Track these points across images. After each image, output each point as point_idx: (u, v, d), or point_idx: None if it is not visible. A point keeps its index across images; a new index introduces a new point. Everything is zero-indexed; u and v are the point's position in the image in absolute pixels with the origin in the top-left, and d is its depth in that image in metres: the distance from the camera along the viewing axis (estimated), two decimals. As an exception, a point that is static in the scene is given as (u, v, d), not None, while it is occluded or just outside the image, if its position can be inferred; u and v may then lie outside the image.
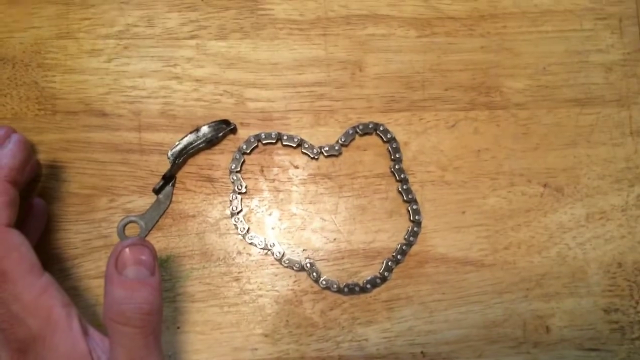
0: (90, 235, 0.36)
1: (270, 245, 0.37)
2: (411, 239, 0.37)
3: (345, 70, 0.39)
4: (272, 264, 0.37)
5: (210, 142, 0.37)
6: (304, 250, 0.37)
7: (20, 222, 0.31)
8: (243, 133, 0.38)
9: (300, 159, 0.38)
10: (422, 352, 0.36)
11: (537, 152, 0.39)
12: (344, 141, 0.38)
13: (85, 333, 0.28)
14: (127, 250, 0.26)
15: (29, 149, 0.31)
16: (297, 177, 0.38)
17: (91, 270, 0.36)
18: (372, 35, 0.40)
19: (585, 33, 0.41)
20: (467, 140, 0.39)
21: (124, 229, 0.36)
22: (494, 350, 0.36)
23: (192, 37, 0.39)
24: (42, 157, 0.37)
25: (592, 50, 0.40)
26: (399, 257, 0.37)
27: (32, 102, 0.37)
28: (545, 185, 0.38)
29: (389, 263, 0.37)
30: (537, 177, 0.39)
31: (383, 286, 0.37)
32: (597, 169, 0.39)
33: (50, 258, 0.35)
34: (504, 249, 0.38)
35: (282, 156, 0.38)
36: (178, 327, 0.36)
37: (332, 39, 0.39)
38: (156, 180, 0.37)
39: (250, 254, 0.37)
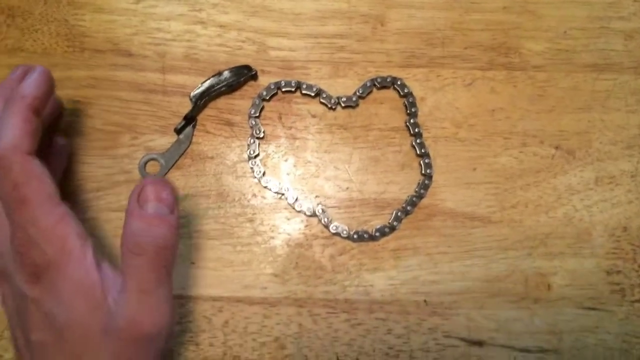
0: (113, 170, 0.38)
1: (285, 190, 0.38)
2: (421, 192, 0.38)
3: (366, 24, 0.40)
4: (285, 208, 0.38)
5: (231, 87, 0.38)
6: (316, 196, 0.38)
7: (42, 160, 0.30)
8: (263, 80, 0.39)
9: (317, 109, 0.39)
10: (425, 301, 0.37)
11: (551, 114, 0.39)
12: (362, 93, 0.39)
13: (97, 265, 0.28)
14: (149, 186, 0.27)
15: (52, 82, 0.31)
16: (313, 125, 0.39)
17: (112, 203, 0.37)
18: (395, -9, 0.40)
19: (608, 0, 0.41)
20: (483, 99, 0.39)
21: (145, 166, 0.38)
22: (495, 303, 0.37)
23: (218, -17, 0.39)
24: (70, 92, 0.38)
25: (613, 17, 0.41)
26: (408, 208, 0.38)
27: (61, 39, 0.38)
28: (557, 147, 0.39)
29: (399, 214, 0.38)
30: (550, 139, 0.39)
31: (391, 236, 0.38)
32: (609, 134, 0.39)
33: (75, 189, 0.37)
34: (512, 207, 0.38)
35: (300, 105, 0.39)
36: (192, 263, 0.37)
37: (356, -8, 0.40)
38: (177, 121, 0.38)
39: (264, 197, 0.38)
